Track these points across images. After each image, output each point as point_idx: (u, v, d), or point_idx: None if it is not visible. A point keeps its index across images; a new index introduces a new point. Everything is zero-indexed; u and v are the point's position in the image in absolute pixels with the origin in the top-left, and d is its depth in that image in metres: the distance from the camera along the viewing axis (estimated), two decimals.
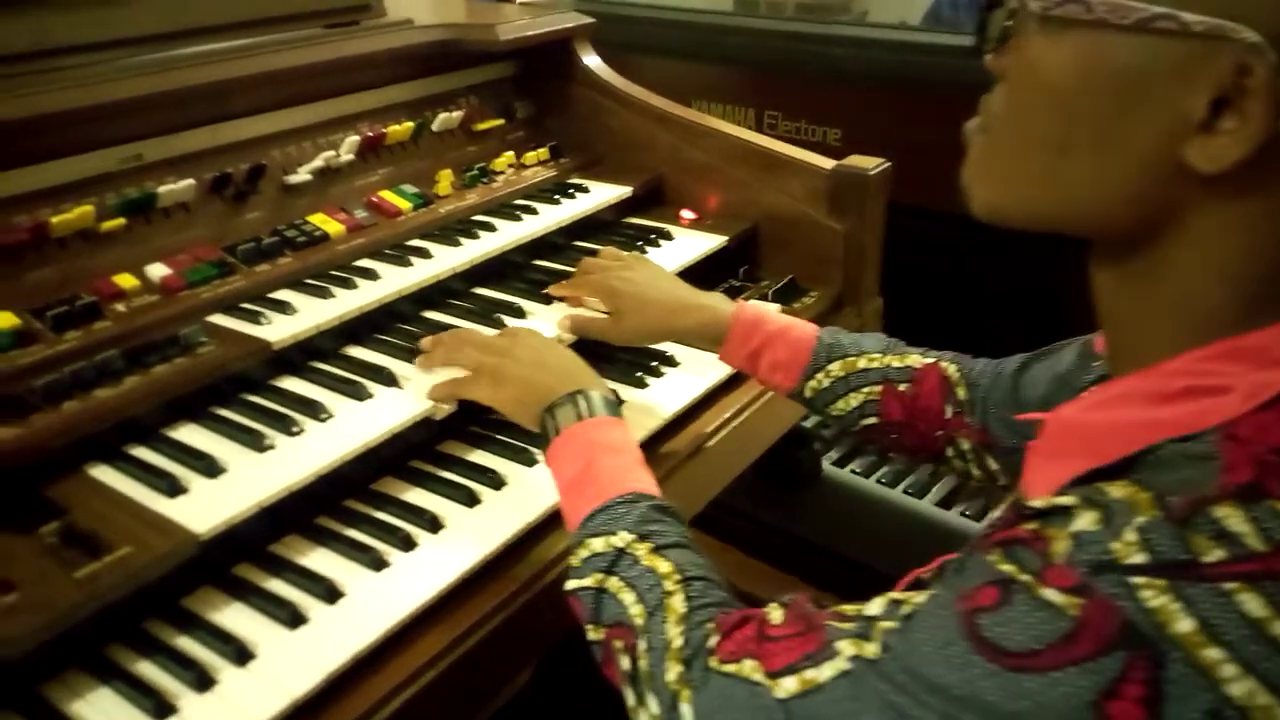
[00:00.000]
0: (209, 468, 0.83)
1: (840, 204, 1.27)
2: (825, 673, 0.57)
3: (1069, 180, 0.55)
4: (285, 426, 0.89)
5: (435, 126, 1.33)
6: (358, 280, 1.08)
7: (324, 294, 1.05)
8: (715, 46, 1.89)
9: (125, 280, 0.97)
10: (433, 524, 0.87)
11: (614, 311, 1.04)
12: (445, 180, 1.29)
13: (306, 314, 1.01)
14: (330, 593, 0.78)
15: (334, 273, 1.10)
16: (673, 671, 0.65)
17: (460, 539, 0.86)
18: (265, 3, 1.24)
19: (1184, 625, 0.43)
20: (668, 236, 1.32)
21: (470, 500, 0.90)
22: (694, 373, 1.13)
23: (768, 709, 0.58)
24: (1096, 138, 0.53)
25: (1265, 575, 0.43)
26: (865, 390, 0.97)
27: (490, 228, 1.23)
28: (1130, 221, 0.55)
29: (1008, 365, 0.93)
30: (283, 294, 1.05)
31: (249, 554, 0.83)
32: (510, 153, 1.38)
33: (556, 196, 1.32)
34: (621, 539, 0.73)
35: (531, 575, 0.85)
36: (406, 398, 0.95)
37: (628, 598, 0.70)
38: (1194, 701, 0.43)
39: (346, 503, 0.90)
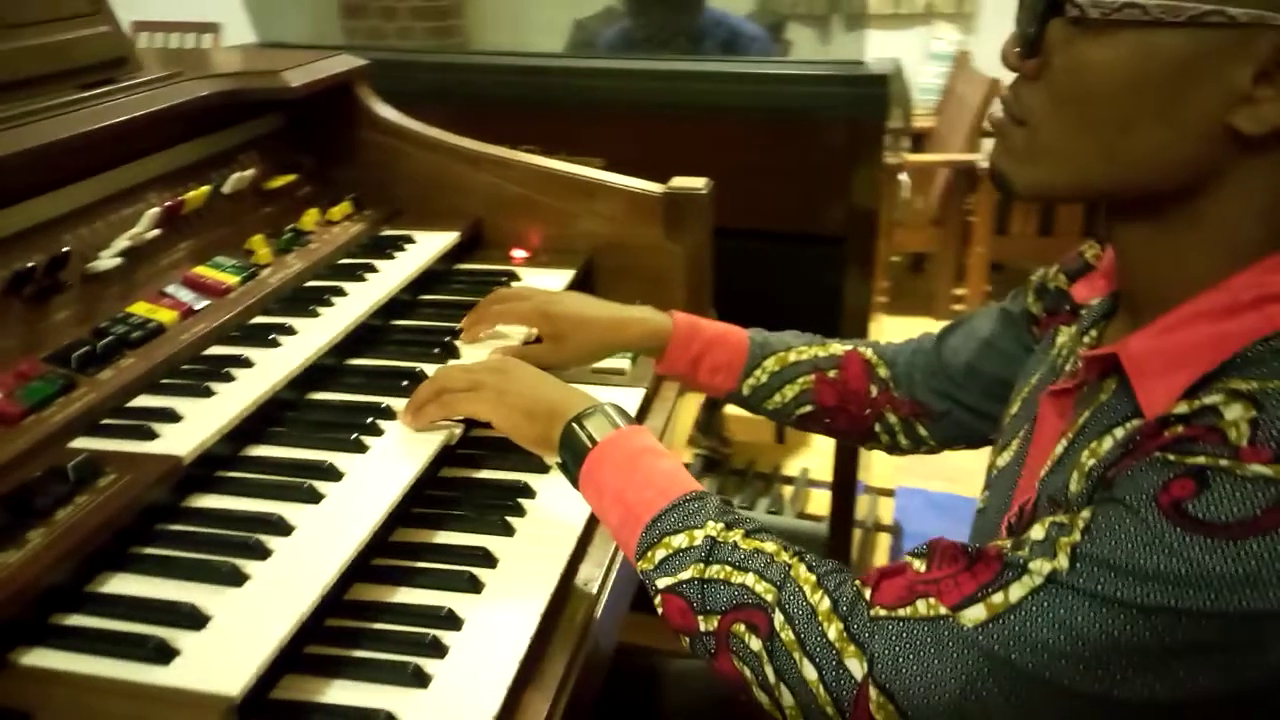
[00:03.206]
0: (190, 619, 0.68)
1: (676, 225, 1.31)
2: (1015, 593, 0.59)
3: (1127, 154, 0.63)
4: (249, 551, 0.75)
5: (227, 189, 1.18)
6: (233, 371, 0.93)
7: (203, 393, 0.89)
8: (454, 85, 1.84)
9: None
10: (450, 619, 0.77)
11: (552, 335, 1.03)
12: (261, 246, 1.15)
13: (199, 418, 0.85)
14: None
15: (192, 367, 0.94)
16: (833, 630, 0.65)
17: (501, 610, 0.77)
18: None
19: None
20: (515, 277, 1.27)
21: (474, 584, 0.81)
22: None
23: (960, 640, 0.60)
24: (1155, 117, 0.61)
25: None
26: (800, 381, 1.03)
27: (340, 292, 1.11)
28: (1178, 181, 0.63)
29: (925, 342, 1.03)
30: (149, 400, 0.88)
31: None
32: (314, 210, 1.26)
33: (390, 251, 1.22)
34: (710, 529, 0.72)
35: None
36: (363, 484, 0.84)
37: (744, 579, 0.69)
38: None
39: (339, 622, 0.78)
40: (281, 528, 0.78)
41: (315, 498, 0.82)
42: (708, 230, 1.32)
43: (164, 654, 0.65)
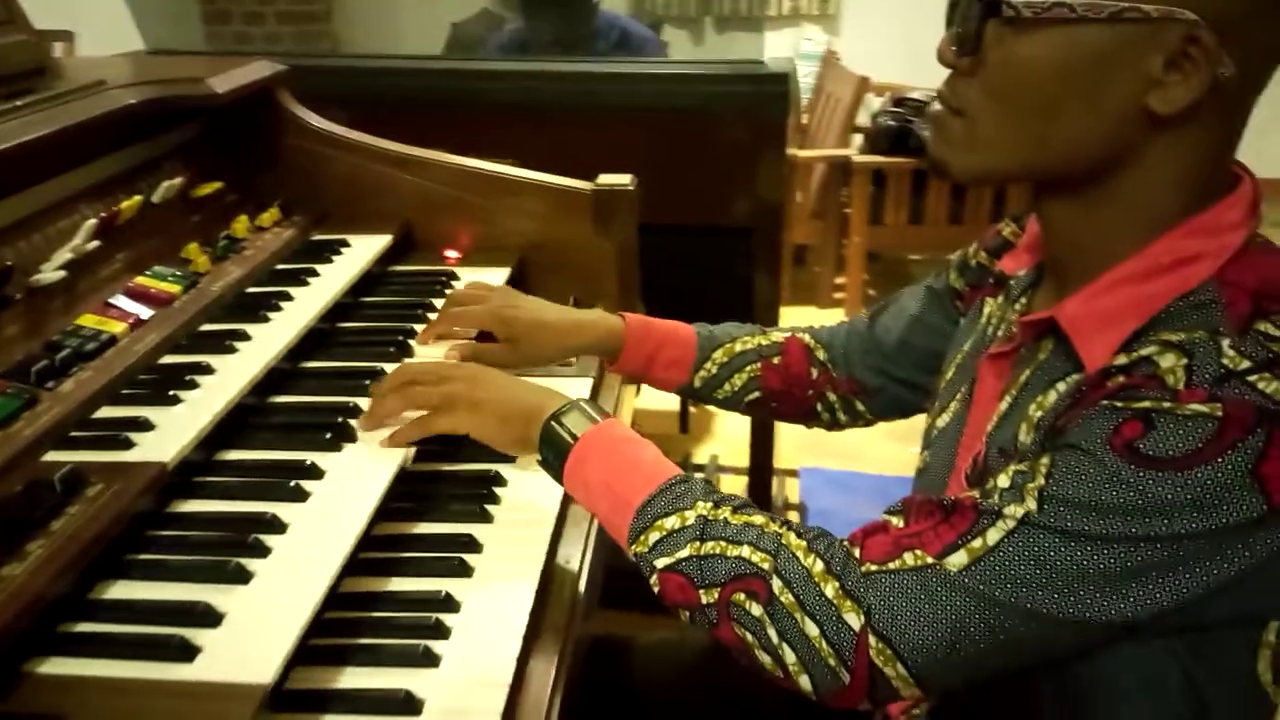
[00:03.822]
0: (206, 617, 0.69)
1: (605, 221, 1.36)
2: (993, 536, 0.65)
3: (1056, 138, 0.71)
4: (249, 550, 0.76)
5: (156, 198, 1.16)
6: (196, 378, 0.93)
7: (171, 401, 0.89)
8: (355, 89, 1.83)
9: None
10: (448, 602, 0.80)
11: (509, 338, 1.05)
12: (197, 255, 1.14)
13: (173, 425, 0.85)
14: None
15: (151, 376, 0.94)
16: (830, 588, 0.69)
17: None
18: None
19: None
20: (453, 277, 1.29)
21: (463, 568, 0.84)
22: None
23: (947, 584, 0.66)
24: (1080, 103, 0.69)
25: None
26: (748, 369, 1.08)
27: (286, 297, 1.11)
28: (1100, 160, 0.71)
29: (857, 323, 1.10)
30: (115, 411, 0.87)
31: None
32: (244, 216, 1.25)
33: (326, 255, 1.23)
34: (700, 509, 0.76)
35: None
36: (346, 480, 0.86)
37: (739, 550, 0.73)
38: None
39: (339, 614, 0.79)
40: (276, 526, 0.79)
41: (302, 496, 0.83)
42: (635, 225, 1.38)
43: (187, 652, 0.66)
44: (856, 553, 0.71)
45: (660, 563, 0.75)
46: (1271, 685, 0.72)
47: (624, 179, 1.36)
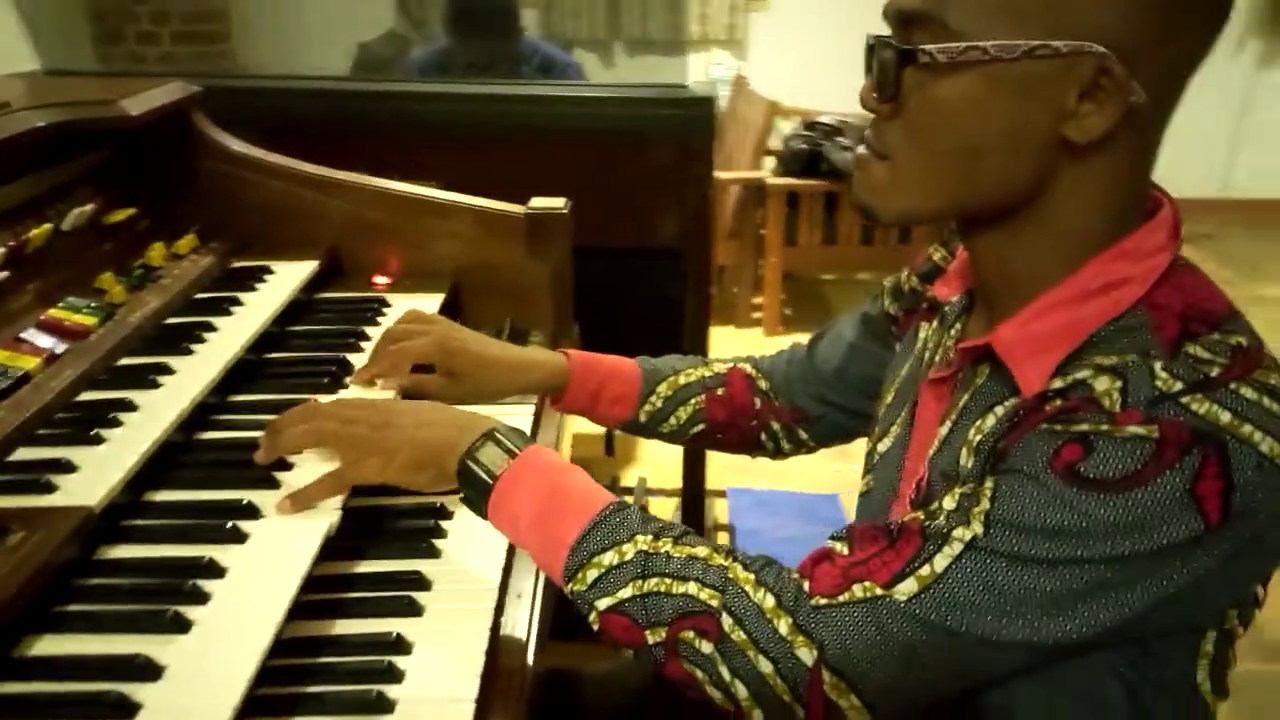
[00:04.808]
0: (145, 671, 0.64)
1: (539, 244, 1.34)
2: (940, 563, 0.66)
3: (979, 175, 0.71)
4: (186, 596, 0.71)
5: (66, 225, 1.10)
6: (119, 415, 0.88)
7: (93, 440, 0.84)
8: (266, 111, 1.78)
9: None
10: (399, 644, 0.77)
11: (450, 371, 1.02)
12: (112, 285, 1.08)
13: (97, 467, 0.81)
14: None
15: (70, 415, 0.89)
16: (783, 625, 0.68)
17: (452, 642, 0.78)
18: None
19: (1225, 417, 0.62)
20: (384, 304, 1.26)
21: (412, 606, 0.81)
22: None
23: (898, 615, 0.66)
24: (1000, 139, 0.70)
25: (1239, 376, 0.64)
26: (692, 402, 1.08)
27: (209, 328, 1.07)
28: (1023, 191, 0.72)
29: (797, 352, 1.11)
30: (33, 453, 0.82)
31: None
32: (159, 244, 1.20)
33: (249, 283, 1.18)
34: (639, 543, 0.74)
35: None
36: (288, 518, 0.82)
37: (685, 587, 0.71)
38: (1248, 461, 0.61)
39: (284, 660, 0.75)
40: (214, 570, 0.75)
41: (240, 537, 0.79)
42: (569, 248, 1.36)
43: (125, 709, 0.62)
44: (806, 585, 0.70)
45: (602, 604, 0.73)
46: (1210, 694, 0.74)
47: (557, 202, 1.34)
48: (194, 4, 4.49)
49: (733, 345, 2.58)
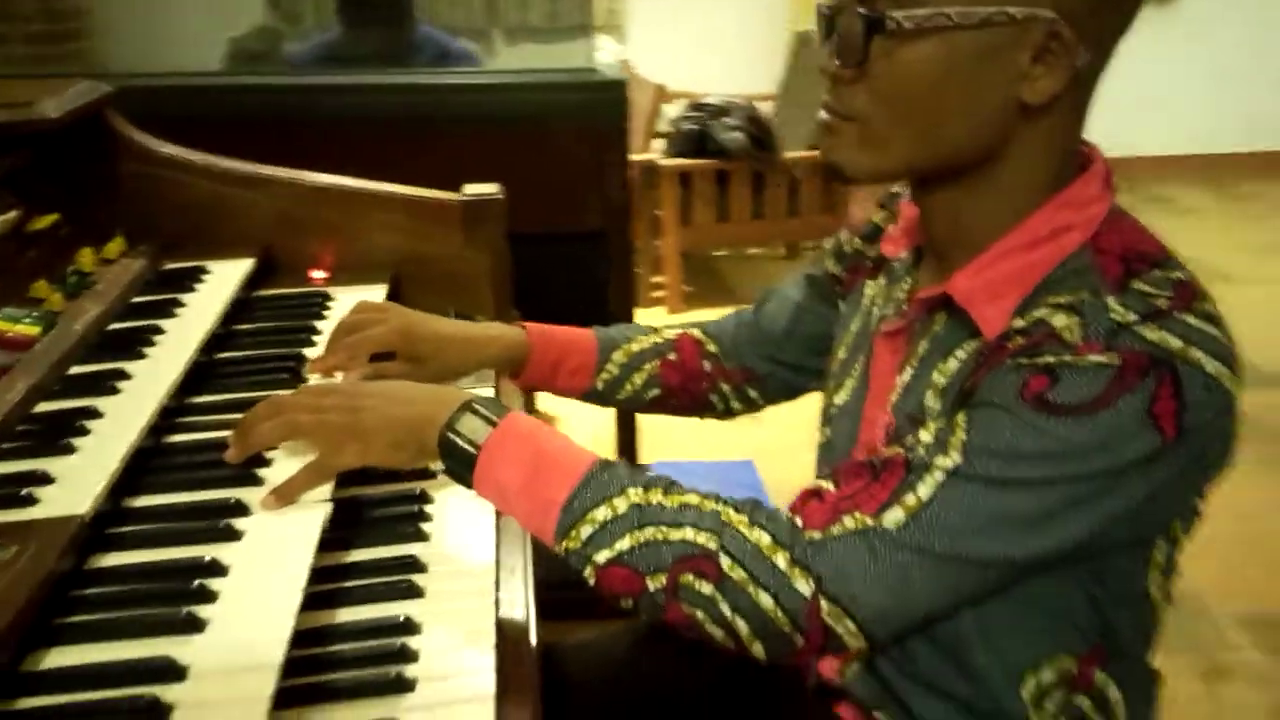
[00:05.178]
0: (170, 672, 0.64)
1: (476, 231, 1.34)
2: (924, 490, 0.71)
3: (943, 134, 0.77)
4: (196, 596, 0.71)
5: None
6: (85, 424, 0.86)
7: (64, 450, 0.82)
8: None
9: None
10: (408, 626, 0.78)
11: (412, 356, 1.02)
12: (49, 293, 1.05)
13: (76, 476, 0.79)
14: None
15: (30, 427, 0.86)
16: (780, 559, 0.72)
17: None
18: None
19: (1175, 343, 0.69)
20: (328, 298, 1.24)
21: (413, 589, 0.82)
22: None
23: (888, 541, 0.70)
24: (962, 100, 0.75)
25: (1183, 306, 0.71)
26: (647, 368, 1.10)
27: (157, 330, 1.04)
28: (981, 150, 0.78)
29: (743, 315, 1.14)
30: (4, 467, 0.79)
31: None
32: (88, 249, 1.16)
33: (188, 284, 1.16)
34: (631, 496, 0.76)
35: None
36: (276, 514, 0.82)
37: (683, 533, 0.74)
38: (1196, 381, 0.68)
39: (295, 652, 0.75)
40: (216, 569, 0.74)
41: (234, 535, 0.79)
42: (505, 234, 1.37)
43: (157, 712, 0.61)
44: (799, 521, 0.74)
45: (600, 557, 0.75)
46: (1159, 601, 0.82)
47: (491, 188, 1.35)
48: (47, 1, 4.24)
49: None
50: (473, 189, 1.35)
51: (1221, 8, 5.36)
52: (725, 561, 0.73)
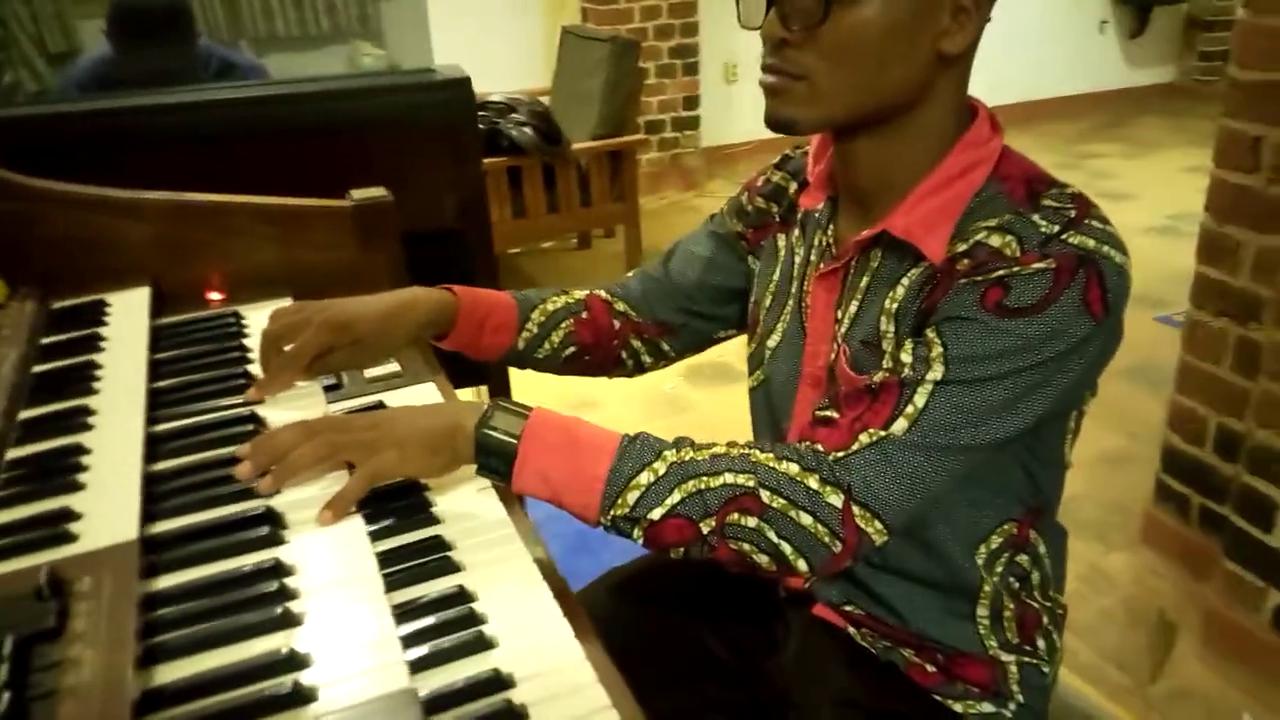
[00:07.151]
0: (296, 663, 0.66)
1: (370, 236, 1.35)
2: (920, 399, 0.83)
3: (884, 85, 0.88)
4: (280, 596, 0.72)
5: None
6: (80, 460, 0.83)
7: (73, 488, 0.80)
8: None
9: None
10: (463, 595, 0.81)
11: (351, 342, 1.03)
12: None
13: (101, 505, 0.78)
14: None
15: (15, 473, 0.83)
16: (812, 481, 0.83)
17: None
18: None
19: (1091, 243, 0.84)
20: (240, 317, 1.22)
21: (452, 564, 0.85)
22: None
23: (900, 445, 0.83)
24: (900, 52, 0.87)
25: (1086, 214, 0.86)
26: (563, 326, 1.16)
27: (94, 365, 1.00)
28: (909, 97, 0.90)
29: (650, 271, 1.21)
30: (17, 513, 0.76)
31: None
32: None
33: (95, 318, 1.11)
34: (668, 457, 0.85)
35: None
36: (311, 514, 0.83)
37: (721, 479, 0.83)
38: (1111, 270, 0.83)
39: None
40: (283, 570, 0.76)
41: (279, 540, 0.80)
42: (398, 235, 1.39)
43: (304, 696, 0.63)
44: (819, 447, 0.85)
45: (655, 514, 0.83)
46: (1067, 463, 0.99)
47: (379, 191, 1.36)
48: None
49: None
50: (360, 193, 1.36)
51: None
52: (765, 495, 0.83)
